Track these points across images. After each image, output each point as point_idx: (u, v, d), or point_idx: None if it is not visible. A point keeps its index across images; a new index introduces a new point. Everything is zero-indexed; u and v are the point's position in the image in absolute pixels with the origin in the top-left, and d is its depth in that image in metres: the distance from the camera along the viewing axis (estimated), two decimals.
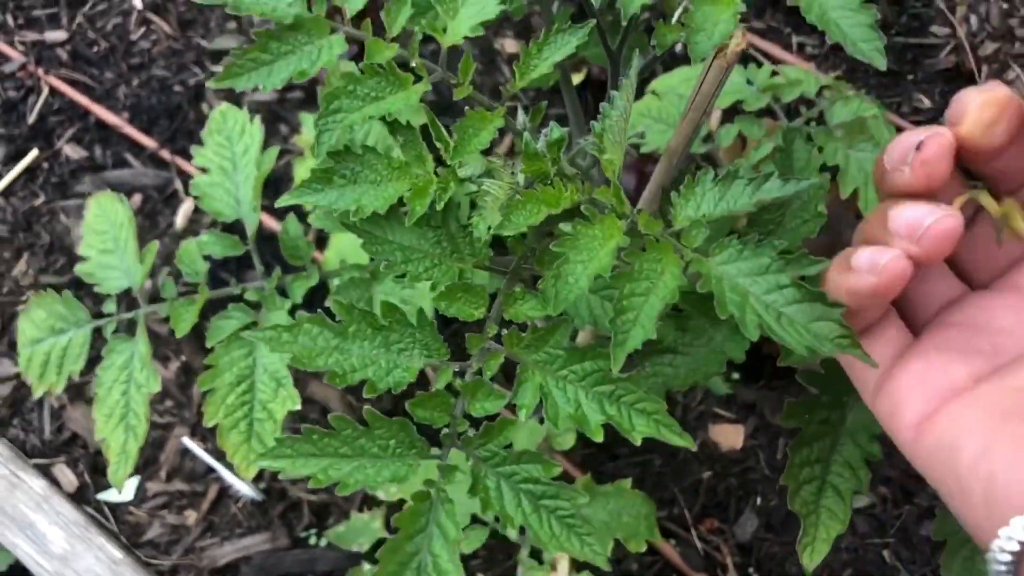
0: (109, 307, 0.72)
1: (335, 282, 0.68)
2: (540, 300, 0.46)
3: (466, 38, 0.52)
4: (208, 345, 0.67)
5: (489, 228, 0.48)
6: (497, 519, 0.82)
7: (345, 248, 0.87)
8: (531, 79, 0.52)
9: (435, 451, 0.45)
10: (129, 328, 0.71)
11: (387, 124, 0.51)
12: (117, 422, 0.67)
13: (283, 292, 0.71)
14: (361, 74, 0.51)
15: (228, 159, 0.73)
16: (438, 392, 0.45)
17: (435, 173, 0.51)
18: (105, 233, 0.74)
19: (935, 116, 1.18)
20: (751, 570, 0.98)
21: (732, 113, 0.98)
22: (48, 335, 0.72)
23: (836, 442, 0.50)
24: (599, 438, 0.44)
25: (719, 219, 0.45)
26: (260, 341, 0.48)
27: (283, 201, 0.52)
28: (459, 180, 0.49)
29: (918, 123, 1.17)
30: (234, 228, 0.75)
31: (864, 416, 0.51)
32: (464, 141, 0.49)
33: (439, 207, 0.49)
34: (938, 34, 1.24)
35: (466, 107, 0.52)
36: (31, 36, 1.28)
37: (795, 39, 1.25)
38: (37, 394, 0.76)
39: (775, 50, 1.23)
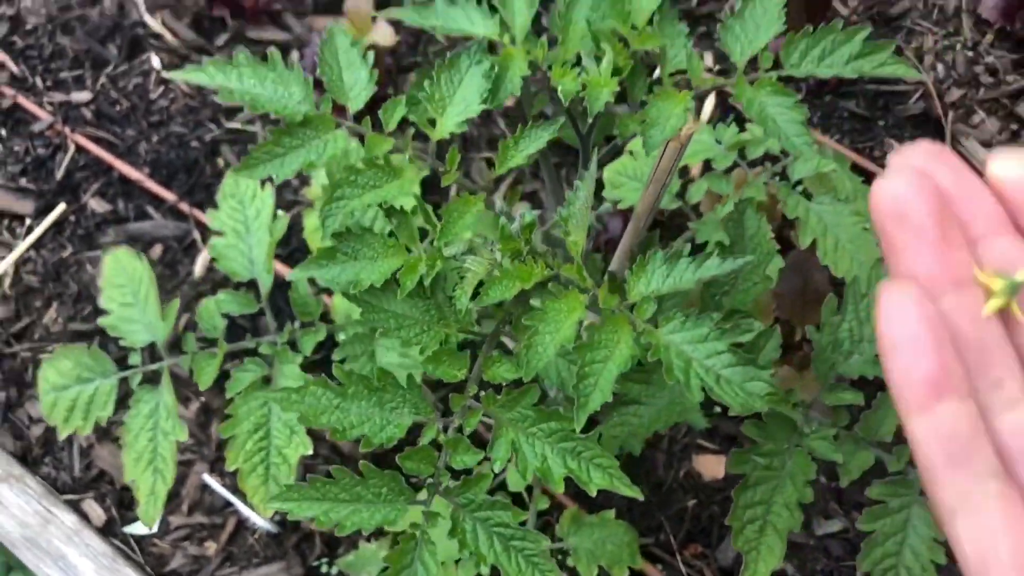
0: (134, 359, 0.80)
1: (341, 336, 0.75)
2: (514, 364, 0.54)
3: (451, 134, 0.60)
4: (228, 396, 0.75)
5: (470, 300, 0.56)
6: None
7: None
8: (509, 167, 0.60)
9: (421, 497, 0.53)
10: (154, 378, 0.79)
11: (383, 209, 0.58)
12: (146, 466, 0.74)
13: (294, 345, 0.78)
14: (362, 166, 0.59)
15: (241, 222, 0.81)
16: (424, 447, 0.52)
17: (425, 251, 0.59)
18: (124, 287, 0.82)
19: None
20: None
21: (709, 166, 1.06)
22: (74, 383, 0.80)
23: (778, 486, 0.57)
24: (560, 489, 0.51)
25: (667, 293, 0.53)
26: (273, 401, 0.56)
27: (295, 275, 0.60)
28: (445, 258, 0.57)
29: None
30: (249, 285, 0.83)
31: (802, 461, 0.58)
32: (449, 224, 0.57)
33: (427, 281, 0.57)
34: (908, 81, 1.31)
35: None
36: (59, 97, 1.37)
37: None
38: (63, 436, 0.84)
39: None
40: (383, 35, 1.26)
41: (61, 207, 1.29)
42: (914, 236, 0.38)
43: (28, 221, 1.29)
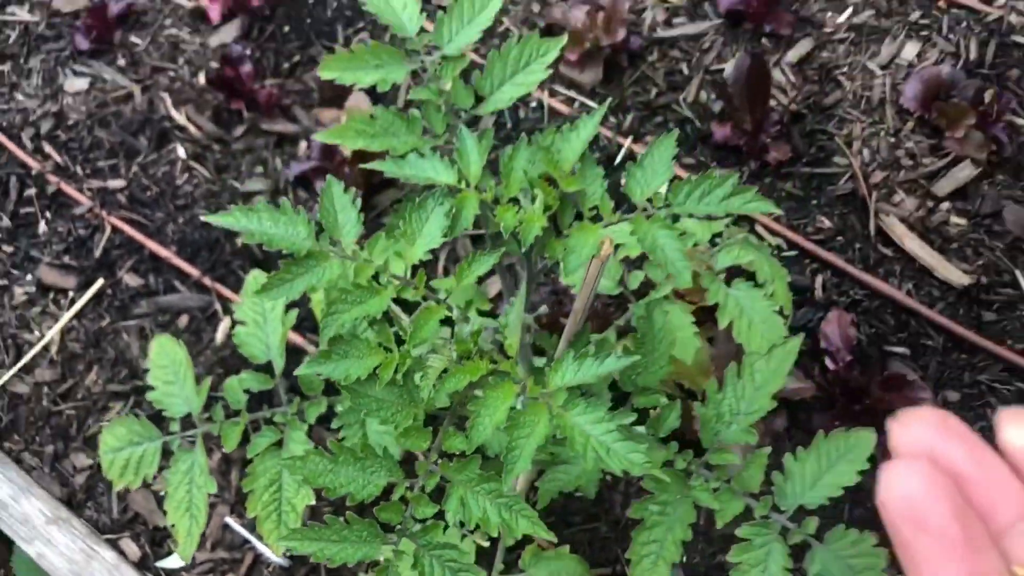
0: (174, 427, 0.99)
1: (339, 407, 0.94)
2: (465, 438, 0.72)
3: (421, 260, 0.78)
4: (248, 456, 0.94)
5: (431, 388, 0.74)
6: None
7: None
8: (464, 285, 0.79)
9: (392, 539, 0.71)
10: (190, 442, 0.98)
11: (367, 320, 0.77)
12: (184, 512, 0.93)
13: (302, 415, 0.97)
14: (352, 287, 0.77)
15: (260, 315, 1.00)
16: (395, 502, 0.70)
17: (399, 351, 0.78)
18: (166, 368, 1.01)
19: (835, 235, 1.43)
20: None
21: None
22: (127, 445, 0.99)
23: (669, 528, 0.74)
24: (495, 534, 0.69)
25: (578, 384, 0.71)
26: (283, 467, 0.74)
27: (301, 371, 0.79)
28: (413, 358, 0.75)
29: (820, 242, 1.42)
30: (266, 367, 1.01)
31: (688, 508, 0.76)
32: (416, 331, 0.76)
33: (400, 375, 0.76)
34: (839, 164, 1.50)
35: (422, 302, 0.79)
36: (96, 183, 1.57)
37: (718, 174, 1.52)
38: (117, 488, 1.03)
39: None
40: None
41: (100, 282, 1.49)
42: (937, 545, 0.35)
43: (71, 294, 1.48)
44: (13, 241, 1.54)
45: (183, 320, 1.45)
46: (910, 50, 1.55)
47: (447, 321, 0.78)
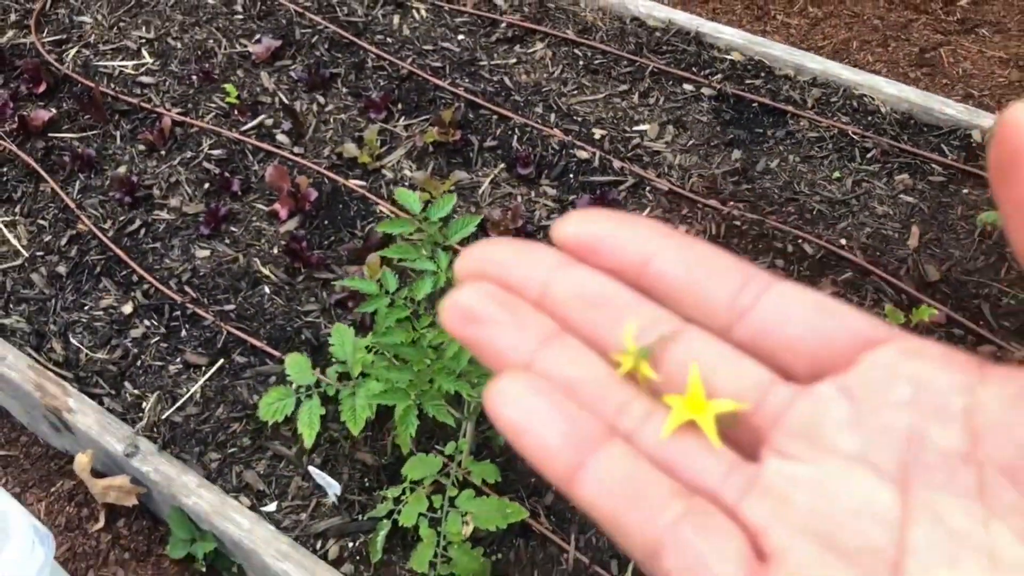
0: (299, 391, 2.04)
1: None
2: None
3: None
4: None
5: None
6: None
7: None
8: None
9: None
10: (309, 396, 2.02)
11: (398, 320, 1.87)
12: (307, 426, 1.97)
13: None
14: None
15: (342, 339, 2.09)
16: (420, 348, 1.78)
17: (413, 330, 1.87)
18: (295, 366, 2.07)
19: None
20: None
21: None
22: (276, 400, 2.03)
23: None
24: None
25: None
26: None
27: (367, 340, 1.88)
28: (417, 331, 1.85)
29: None
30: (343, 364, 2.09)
31: None
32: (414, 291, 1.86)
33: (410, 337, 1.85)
34: None
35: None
36: (216, 308, 2.66)
37: None
38: (267, 420, 2.07)
39: None
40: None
41: (221, 361, 2.55)
42: (487, 325, 0.38)
43: (203, 368, 2.54)
44: (167, 340, 2.61)
45: (272, 379, 2.51)
46: (681, 229, 2.77)
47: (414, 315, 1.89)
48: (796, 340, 0.36)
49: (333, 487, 2.24)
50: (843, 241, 2.64)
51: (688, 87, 3.12)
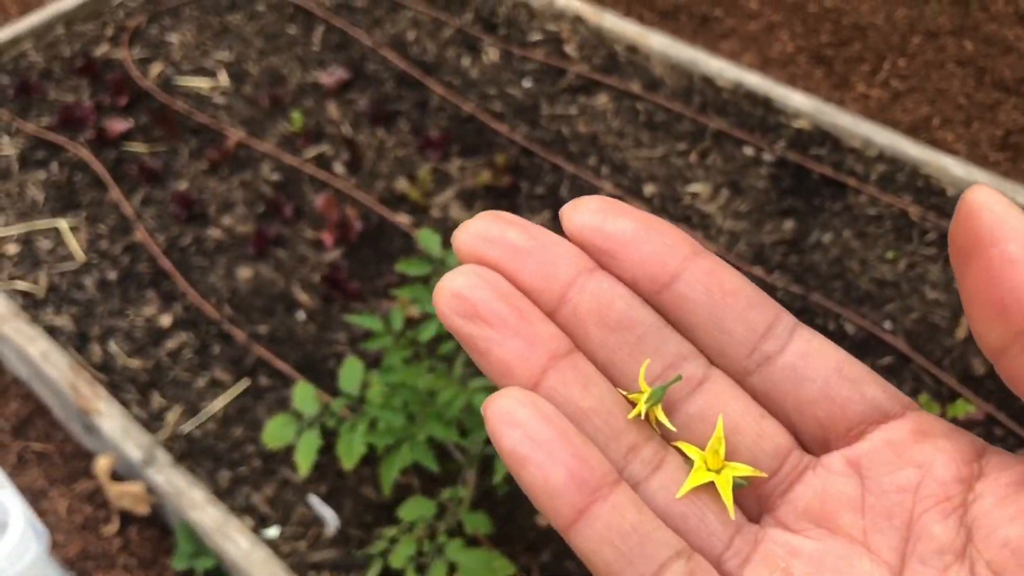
0: (304, 420, 2.06)
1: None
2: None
3: None
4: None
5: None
6: None
7: None
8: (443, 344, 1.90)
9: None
10: (310, 426, 2.04)
11: (403, 359, 1.87)
12: (304, 455, 1.98)
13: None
14: None
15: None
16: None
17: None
18: (303, 397, 2.09)
19: None
20: None
21: None
22: (280, 428, 2.06)
23: None
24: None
25: None
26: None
27: (379, 377, 1.88)
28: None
29: None
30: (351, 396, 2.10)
31: None
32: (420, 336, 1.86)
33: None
34: None
35: None
36: (250, 328, 2.71)
37: None
38: (270, 446, 2.09)
39: None
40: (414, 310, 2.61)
41: (247, 381, 2.59)
42: (490, 327, 0.34)
43: (228, 386, 2.59)
44: (199, 355, 2.67)
45: (289, 405, 2.53)
46: None
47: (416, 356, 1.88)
48: (809, 404, 0.35)
49: (332, 519, 2.24)
50: (887, 324, 2.53)
51: (749, 151, 3.06)
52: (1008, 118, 3.62)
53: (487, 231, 0.36)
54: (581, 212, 0.37)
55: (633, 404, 0.36)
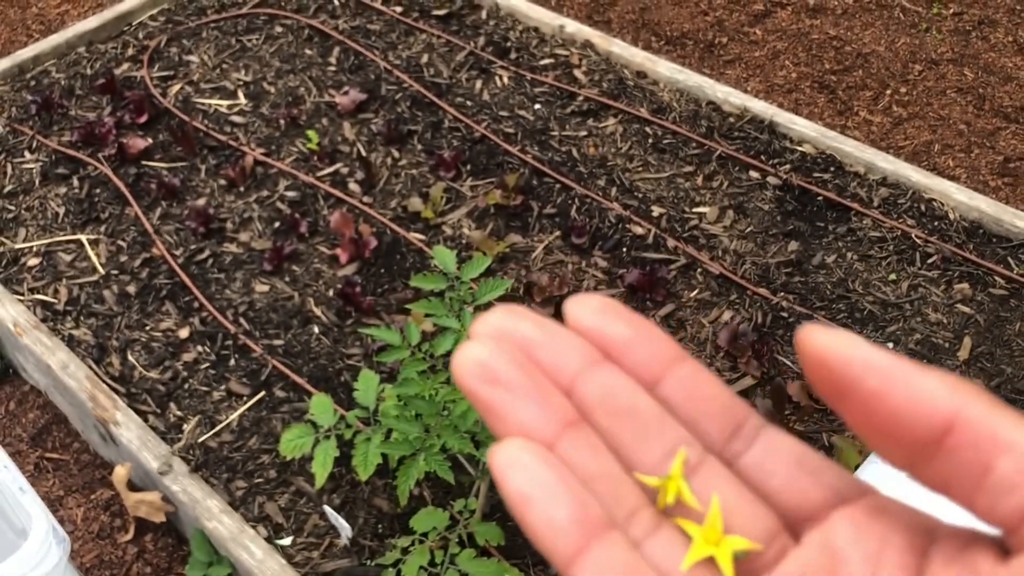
0: (320, 430, 2.11)
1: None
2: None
3: None
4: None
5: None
6: None
7: None
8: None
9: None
10: (327, 437, 2.09)
11: (418, 372, 1.93)
12: (321, 466, 2.04)
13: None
14: None
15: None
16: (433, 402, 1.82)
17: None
18: (320, 407, 2.15)
19: None
20: None
21: None
22: (296, 438, 2.11)
23: None
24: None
25: None
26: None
27: (391, 391, 1.94)
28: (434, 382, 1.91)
29: None
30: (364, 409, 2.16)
31: None
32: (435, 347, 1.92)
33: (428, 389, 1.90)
34: None
35: None
36: (266, 342, 2.77)
37: None
38: (288, 456, 2.14)
39: None
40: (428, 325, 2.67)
41: (262, 393, 2.65)
42: (509, 392, 0.37)
43: (244, 398, 2.64)
44: (215, 368, 2.73)
45: (305, 416, 2.59)
46: (727, 314, 2.77)
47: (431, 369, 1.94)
48: (776, 493, 0.40)
49: (345, 529, 2.29)
50: (890, 345, 2.59)
51: (754, 174, 3.13)
52: (1008, 145, 3.69)
53: (502, 324, 0.39)
54: (584, 310, 0.40)
55: (642, 484, 0.40)
